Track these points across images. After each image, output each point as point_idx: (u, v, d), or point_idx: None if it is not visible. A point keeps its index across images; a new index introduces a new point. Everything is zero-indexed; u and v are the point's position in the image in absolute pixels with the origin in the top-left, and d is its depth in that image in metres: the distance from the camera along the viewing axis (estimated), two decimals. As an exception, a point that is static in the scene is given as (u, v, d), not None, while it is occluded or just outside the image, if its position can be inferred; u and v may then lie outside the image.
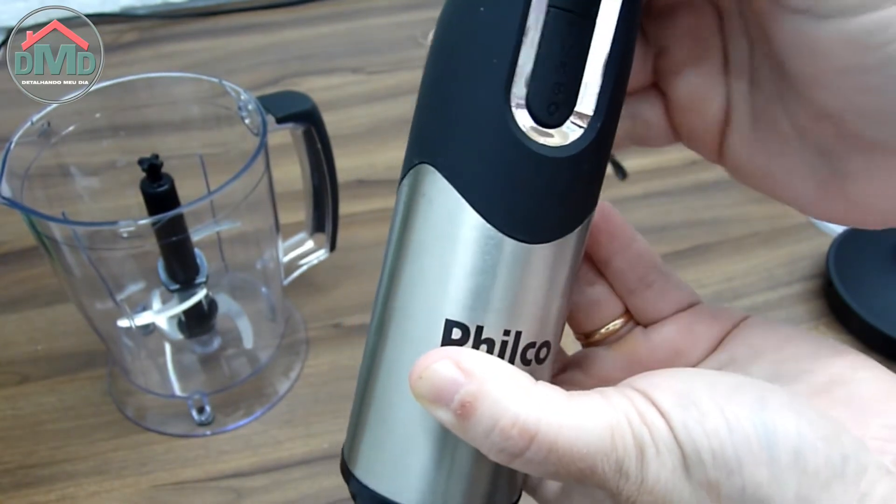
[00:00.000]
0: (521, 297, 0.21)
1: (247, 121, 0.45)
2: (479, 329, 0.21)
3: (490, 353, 0.21)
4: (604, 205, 0.25)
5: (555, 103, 0.20)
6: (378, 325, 0.23)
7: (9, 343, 0.54)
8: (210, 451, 0.48)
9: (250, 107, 0.45)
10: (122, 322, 0.48)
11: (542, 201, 0.20)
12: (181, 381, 0.52)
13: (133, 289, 0.50)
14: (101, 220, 0.44)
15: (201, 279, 0.47)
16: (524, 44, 0.19)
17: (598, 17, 0.20)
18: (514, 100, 0.20)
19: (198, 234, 0.44)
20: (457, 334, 0.21)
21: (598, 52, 0.20)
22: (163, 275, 0.46)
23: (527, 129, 0.20)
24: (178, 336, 0.51)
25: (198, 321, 0.50)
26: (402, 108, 0.75)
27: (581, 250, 0.22)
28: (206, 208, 0.42)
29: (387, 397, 0.22)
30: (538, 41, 0.19)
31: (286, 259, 0.55)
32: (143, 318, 0.49)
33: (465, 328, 0.21)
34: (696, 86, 0.23)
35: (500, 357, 0.21)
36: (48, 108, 0.42)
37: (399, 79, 0.79)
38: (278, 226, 0.50)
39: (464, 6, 0.20)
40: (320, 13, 0.89)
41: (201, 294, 0.47)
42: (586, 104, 0.20)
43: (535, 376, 0.20)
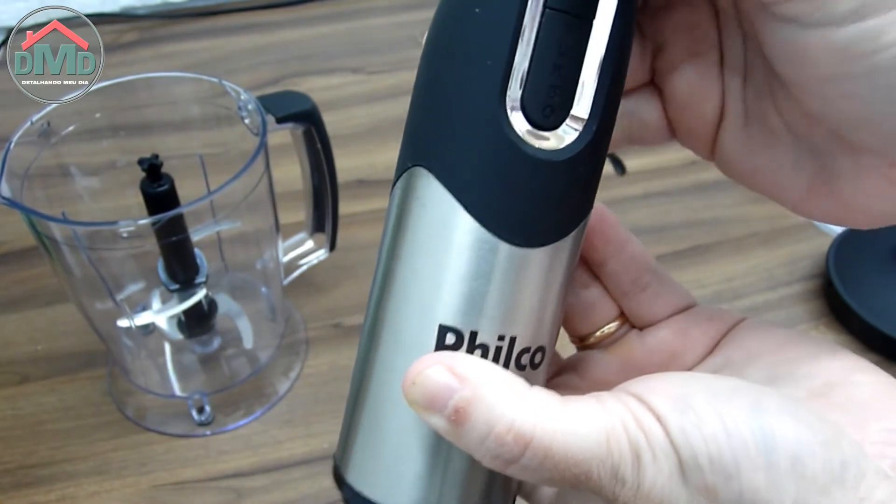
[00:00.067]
0: (515, 302, 0.21)
1: (247, 121, 0.45)
2: (474, 334, 0.20)
3: (484, 358, 0.21)
4: (598, 207, 0.24)
5: (550, 106, 0.20)
6: (371, 330, 0.22)
7: (9, 343, 0.54)
8: (210, 451, 0.48)
9: (250, 107, 0.45)
10: (122, 322, 0.48)
11: (538, 205, 0.20)
12: (181, 381, 0.52)
13: (133, 289, 0.50)
14: (101, 220, 0.44)
15: (201, 279, 0.47)
16: (520, 45, 0.19)
17: (595, 19, 0.19)
18: (509, 102, 0.19)
19: (198, 234, 0.44)
20: (450, 340, 0.20)
21: (594, 55, 0.20)
22: (163, 275, 0.46)
23: (522, 132, 0.19)
24: (178, 336, 0.51)
25: (198, 321, 0.50)
26: (402, 108, 0.73)
27: (577, 254, 0.22)
28: (206, 208, 0.42)
29: (380, 403, 0.22)
30: (534, 43, 0.19)
31: (286, 259, 0.55)
32: (142, 318, 0.49)
33: (458, 333, 0.20)
34: (694, 82, 0.23)
35: (495, 362, 0.21)
36: (48, 108, 0.42)
37: (399, 79, 0.79)
38: (278, 226, 0.50)
39: (459, 6, 0.20)
40: (320, 13, 0.89)
41: (201, 294, 0.47)
42: (582, 107, 0.20)
43: (529, 382, 0.20)
